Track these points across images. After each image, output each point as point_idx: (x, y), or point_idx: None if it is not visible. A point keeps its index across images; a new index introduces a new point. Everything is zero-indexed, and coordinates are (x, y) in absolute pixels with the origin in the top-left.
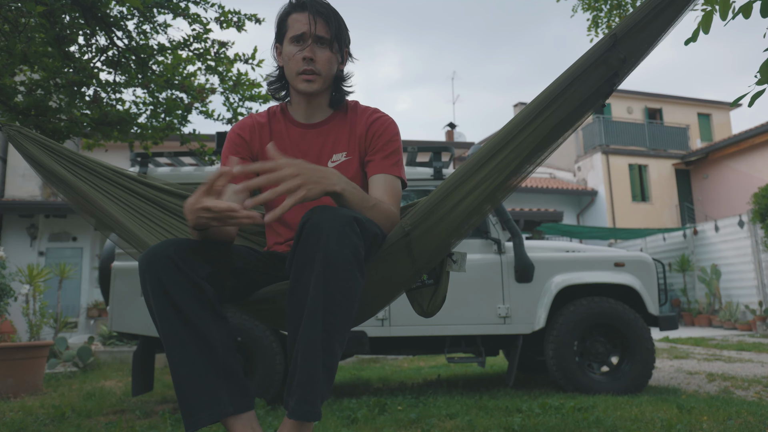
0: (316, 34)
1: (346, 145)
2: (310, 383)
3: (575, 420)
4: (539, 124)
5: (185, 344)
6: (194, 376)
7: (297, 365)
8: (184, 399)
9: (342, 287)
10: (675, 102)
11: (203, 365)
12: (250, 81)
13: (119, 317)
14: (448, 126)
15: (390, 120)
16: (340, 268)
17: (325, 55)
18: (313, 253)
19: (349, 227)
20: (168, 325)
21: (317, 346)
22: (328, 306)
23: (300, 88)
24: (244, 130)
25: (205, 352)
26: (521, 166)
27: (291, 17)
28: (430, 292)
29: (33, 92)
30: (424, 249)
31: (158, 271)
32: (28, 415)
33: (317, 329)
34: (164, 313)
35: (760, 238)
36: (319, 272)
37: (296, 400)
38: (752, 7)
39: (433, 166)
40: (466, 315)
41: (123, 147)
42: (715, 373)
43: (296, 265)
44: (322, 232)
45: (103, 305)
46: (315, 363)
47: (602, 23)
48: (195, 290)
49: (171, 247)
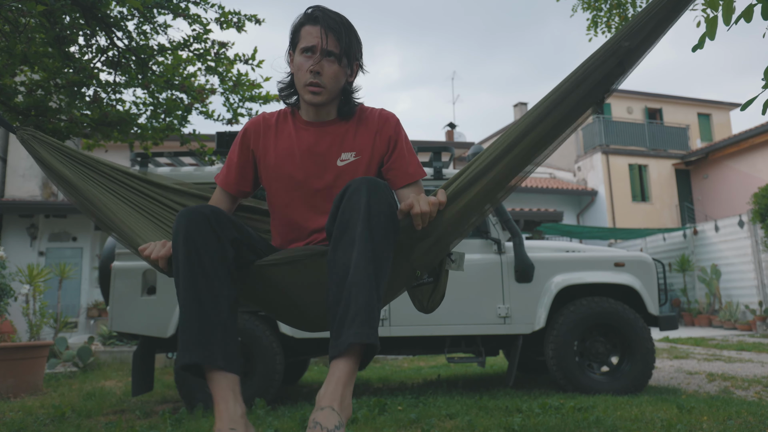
0: (325, 49)
1: (353, 144)
2: (369, 310)
3: (575, 420)
4: (540, 131)
5: (199, 290)
6: (199, 319)
7: (350, 299)
8: (185, 335)
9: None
10: (675, 102)
11: (208, 314)
12: (250, 82)
13: (119, 317)
14: (448, 126)
15: (396, 119)
16: (383, 216)
17: (332, 69)
18: (359, 205)
19: (387, 189)
20: (188, 270)
21: (372, 286)
22: (377, 247)
23: (306, 99)
24: (252, 127)
25: (213, 302)
26: (519, 165)
27: (304, 29)
28: (429, 290)
29: (33, 92)
30: (422, 246)
31: (193, 223)
32: (28, 415)
33: (370, 266)
34: (188, 259)
35: (760, 238)
36: (367, 218)
37: (358, 324)
38: (753, 10)
39: (433, 166)
40: (466, 315)
41: (123, 147)
42: (715, 373)
43: (342, 218)
44: (362, 191)
45: (103, 305)
46: (371, 294)
47: (602, 23)
48: (220, 247)
49: (208, 208)
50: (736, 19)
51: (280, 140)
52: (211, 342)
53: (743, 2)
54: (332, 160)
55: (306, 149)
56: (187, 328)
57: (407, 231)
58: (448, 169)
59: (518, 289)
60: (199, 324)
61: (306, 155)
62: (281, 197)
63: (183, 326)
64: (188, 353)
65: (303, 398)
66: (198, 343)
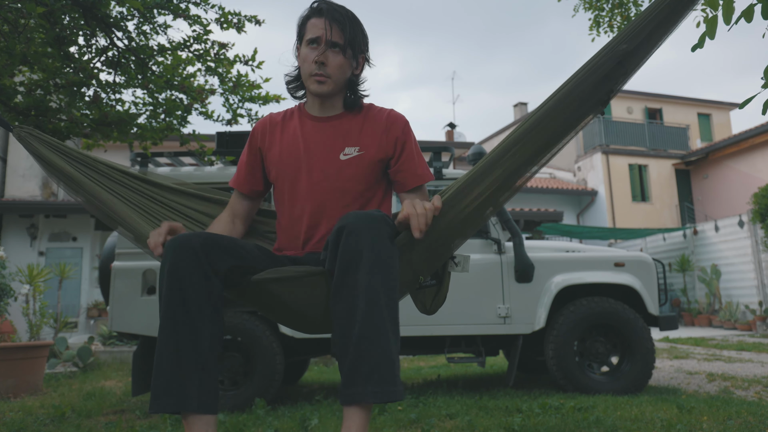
0: (330, 40)
1: (358, 139)
2: (388, 364)
3: (575, 420)
4: (541, 132)
5: (178, 330)
6: (173, 363)
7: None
8: (157, 381)
9: (393, 275)
10: (675, 102)
11: (185, 355)
12: (250, 82)
13: (119, 317)
14: (448, 126)
15: (404, 120)
16: (387, 257)
17: (337, 60)
18: (359, 248)
19: (384, 223)
20: (170, 307)
21: (386, 329)
22: (387, 292)
23: (312, 89)
24: (259, 127)
25: (192, 343)
26: (522, 168)
27: (309, 21)
28: (432, 292)
29: (33, 92)
30: (423, 249)
31: (179, 257)
32: (28, 415)
33: (382, 315)
34: (170, 296)
35: (760, 238)
36: (371, 264)
37: (376, 382)
38: (754, 10)
39: (433, 166)
40: (466, 315)
41: (123, 147)
42: (715, 373)
43: (342, 262)
44: (361, 232)
45: (103, 305)
46: (388, 345)
47: (604, 23)
48: (206, 284)
49: (199, 239)
50: (737, 19)
51: (285, 135)
52: (186, 386)
53: (743, 2)
54: (335, 154)
55: (309, 142)
56: (160, 374)
57: (408, 238)
58: (448, 169)
59: (518, 289)
60: (172, 369)
61: (309, 148)
62: (284, 191)
63: (157, 371)
64: (160, 401)
65: (303, 398)
66: (169, 390)
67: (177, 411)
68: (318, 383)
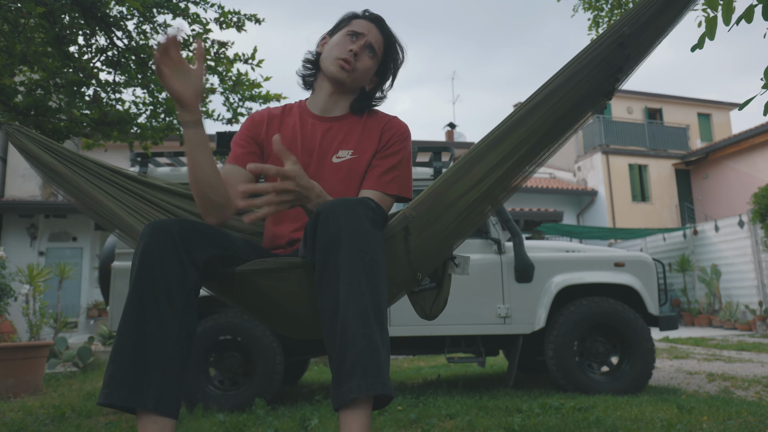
0: (370, 42)
1: (355, 143)
2: (372, 354)
3: (575, 420)
4: (538, 120)
5: (143, 320)
6: (133, 353)
7: (347, 342)
8: (111, 370)
9: (375, 259)
10: (675, 102)
11: (148, 348)
12: (250, 81)
13: (119, 317)
14: (448, 126)
15: (402, 128)
16: (366, 239)
17: (367, 62)
18: (336, 231)
19: (363, 205)
20: (138, 293)
21: (370, 317)
22: (369, 276)
23: (331, 70)
24: (255, 119)
25: (157, 336)
26: (521, 164)
27: (357, 20)
28: (432, 296)
29: (33, 92)
30: (420, 245)
31: (154, 241)
32: (28, 415)
33: (364, 299)
34: (139, 282)
35: (760, 238)
36: (348, 247)
37: (360, 375)
38: (754, 11)
39: (433, 166)
40: (466, 315)
41: (123, 147)
42: (715, 373)
43: (320, 250)
44: (338, 214)
45: (103, 305)
46: (373, 334)
47: (603, 22)
48: (180, 273)
49: (177, 225)
50: (737, 19)
51: (283, 130)
52: (143, 381)
53: (743, 2)
54: (328, 156)
55: (306, 142)
56: (116, 363)
57: (402, 226)
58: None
59: (518, 289)
60: (130, 360)
61: (304, 148)
62: None
63: (113, 360)
64: (108, 392)
65: (303, 398)
66: (122, 382)
67: (129, 406)
68: (318, 383)
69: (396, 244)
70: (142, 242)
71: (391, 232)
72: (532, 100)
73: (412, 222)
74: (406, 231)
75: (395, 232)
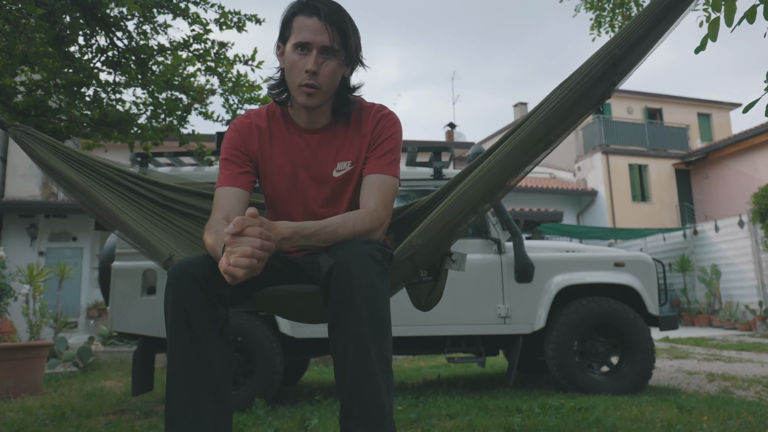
0: (321, 45)
1: (348, 151)
2: (377, 406)
3: (575, 420)
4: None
5: (187, 358)
6: (186, 390)
7: (354, 394)
8: (171, 409)
9: (382, 315)
10: (675, 102)
11: (198, 382)
12: (250, 83)
13: (119, 317)
14: (448, 126)
15: (394, 118)
16: (377, 297)
17: (329, 67)
18: (349, 290)
19: (373, 259)
20: (177, 337)
21: (375, 372)
22: (377, 334)
23: (300, 101)
24: (242, 130)
25: (203, 369)
26: (518, 166)
27: (297, 19)
28: (428, 288)
29: (33, 92)
30: (424, 253)
31: (182, 287)
32: (28, 415)
33: (371, 358)
34: (177, 327)
35: (760, 238)
36: (360, 307)
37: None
38: (756, 11)
39: (433, 166)
40: (466, 315)
41: (123, 147)
42: (715, 373)
43: (334, 304)
44: (351, 271)
45: (103, 305)
46: (377, 387)
47: (605, 22)
48: (211, 310)
49: (200, 269)
50: (739, 20)
51: (275, 147)
52: (201, 412)
53: (743, 2)
54: (328, 172)
55: (302, 162)
56: (172, 401)
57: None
58: (448, 169)
59: (518, 289)
60: (186, 395)
61: (302, 168)
62: (277, 204)
63: (168, 399)
64: (173, 429)
65: (303, 398)
66: (184, 416)
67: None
68: (318, 383)
69: (404, 265)
70: (171, 289)
71: (399, 260)
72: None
73: (418, 252)
74: (413, 258)
75: (404, 260)
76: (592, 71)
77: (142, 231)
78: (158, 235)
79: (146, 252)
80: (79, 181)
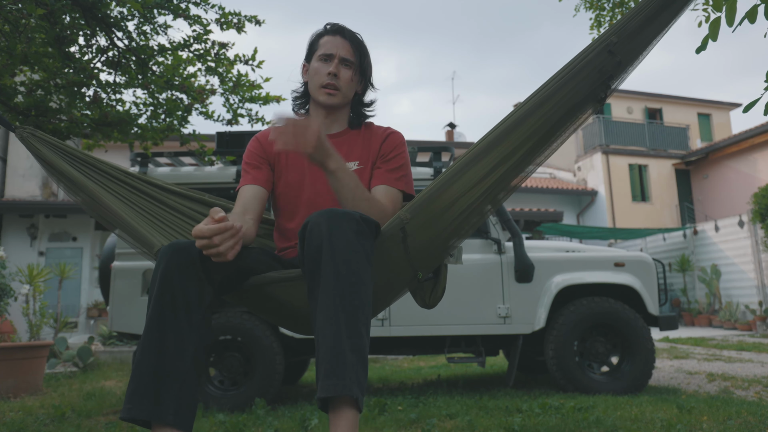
0: (342, 56)
1: (358, 155)
2: (337, 358)
3: (575, 420)
4: (534, 124)
5: (163, 336)
6: (154, 367)
7: (318, 348)
8: (133, 386)
9: (354, 270)
10: (675, 102)
11: (168, 362)
12: (250, 82)
13: (119, 317)
14: (448, 126)
15: (402, 139)
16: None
17: (347, 74)
18: (319, 242)
19: (350, 217)
20: (158, 310)
21: (340, 327)
22: (344, 284)
23: (321, 100)
24: (263, 140)
25: (176, 349)
26: (520, 165)
27: (323, 39)
28: (430, 286)
29: (33, 93)
30: (420, 246)
31: (175, 261)
32: (28, 415)
33: (336, 309)
34: (160, 298)
35: (760, 238)
36: (328, 257)
37: (323, 376)
38: (757, 11)
39: (433, 166)
40: (466, 315)
41: (123, 147)
42: (715, 373)
43: (307, 260)
44: (321, 226)
45: (103, 305)
46: (340, 342)
47: (605, 22)
48: (198, 291)
49: (195, 247)
50: (740, 20)
51: (290, 153)
52: (163, 395)
53: (743, 2)
54: None
55: None
56: (136, 378)
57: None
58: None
59: (518, 289)
60: (151, 374)
61: (315, 169)
62: (287, 203)
63: (135, 374)
64: (130, 407)
65: (303, 398)
66: (144, 396)
67: (150, 420)
68: None
69: (394, 246)
70: (163, 261)
71: (387, 235)
72: (526, 104)
73: (408, 224)
74: (404, 233)
75: (392, 234)
76: (587, 57)
77: (143, 231)
78: (159, 235)
79: (147, 252)
80: (83, 180)
